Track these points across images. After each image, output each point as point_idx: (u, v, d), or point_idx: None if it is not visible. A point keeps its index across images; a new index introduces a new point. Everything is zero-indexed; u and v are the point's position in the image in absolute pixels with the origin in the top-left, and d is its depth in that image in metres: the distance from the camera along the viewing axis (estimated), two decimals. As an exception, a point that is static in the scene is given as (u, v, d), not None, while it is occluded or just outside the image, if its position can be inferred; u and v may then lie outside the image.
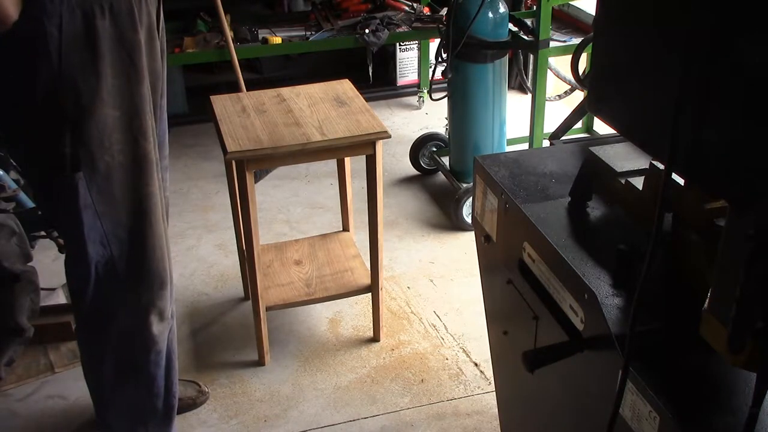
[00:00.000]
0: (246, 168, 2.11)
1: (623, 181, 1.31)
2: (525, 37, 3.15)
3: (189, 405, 2.27)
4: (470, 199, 3.03)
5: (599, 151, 1.40)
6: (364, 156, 2.24)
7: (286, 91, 2.44)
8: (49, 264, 2.86)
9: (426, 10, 4.04)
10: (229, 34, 3.59)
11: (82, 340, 1.92)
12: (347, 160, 2.60)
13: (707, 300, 0.91)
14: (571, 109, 2.91)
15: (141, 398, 1.92)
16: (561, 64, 3.76)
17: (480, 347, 2.48)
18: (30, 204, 2.57)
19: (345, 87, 2.47)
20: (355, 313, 2.68)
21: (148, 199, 1.71)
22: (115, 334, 1.82)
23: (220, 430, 2.22)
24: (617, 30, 1.07)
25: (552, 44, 3.08)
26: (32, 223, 2.44)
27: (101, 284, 1.75)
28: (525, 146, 3.35)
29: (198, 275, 2.92)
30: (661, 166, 1.07)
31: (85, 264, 1.72)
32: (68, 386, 2.36)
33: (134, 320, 1.80)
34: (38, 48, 1.49)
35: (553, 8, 3.02)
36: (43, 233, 2.67)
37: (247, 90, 3.22)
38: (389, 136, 2.19)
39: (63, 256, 1.80)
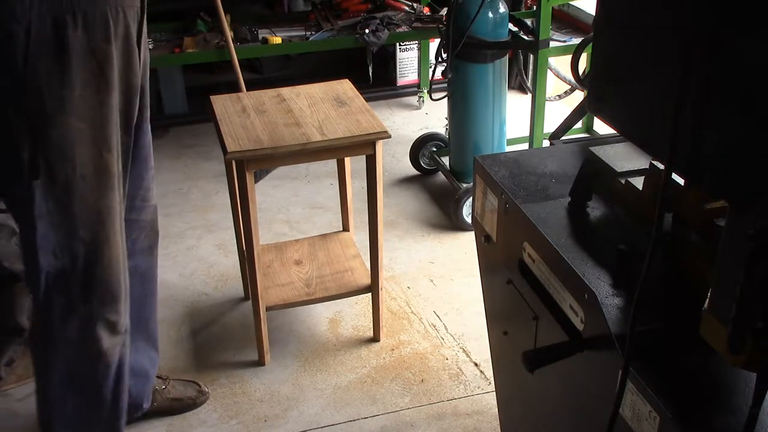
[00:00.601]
0: (246, 168, 2.11)
1: (623, 181, 1.31)
2: (525, 37, 3.15)
3: (189, 405, 2.27)
4: (470, 199, 3.03)
5: (599, 151, 1.40)
6: (364, 156, 2.24)
7: (286, 91, 2.44)
8: (49, 264, 2.86)
9: (426, 10, 4.04)
10: (229, 34, 3.59)
11: (32, 346, 1.89)
12: (347, 160, 2.60)
13: (707, 300, 0.91)
14: (571, 109, 2.91)
15: (85, 408, 1.88)
16: (561, 64, 3.76)
17: (480, 347, 2.48)
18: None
19: (345, 87, 2.47)
20: (355, 313, 2.68)
21: (107, 213, 1.68)
22: (63, 345, 1.78)
23: (220, 430, 2.22)
24: (617, 30, 1.07)
25: (552, 44, 3.08)
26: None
27: (51, 294, 1.71)
28: (525, 146, 3.35)
29: (198, 275, 2.92)
30: (661, 166, 1.07)
31: (35, 272, 1.68)
32: (68, 386, 2.36)
33: (83, 333, 1.77)
34: (3, 50, 1.47)
35: (553, 8, 3.02)
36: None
37: (247, 90, 3.22)
38: (389, 136, 2.19)
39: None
